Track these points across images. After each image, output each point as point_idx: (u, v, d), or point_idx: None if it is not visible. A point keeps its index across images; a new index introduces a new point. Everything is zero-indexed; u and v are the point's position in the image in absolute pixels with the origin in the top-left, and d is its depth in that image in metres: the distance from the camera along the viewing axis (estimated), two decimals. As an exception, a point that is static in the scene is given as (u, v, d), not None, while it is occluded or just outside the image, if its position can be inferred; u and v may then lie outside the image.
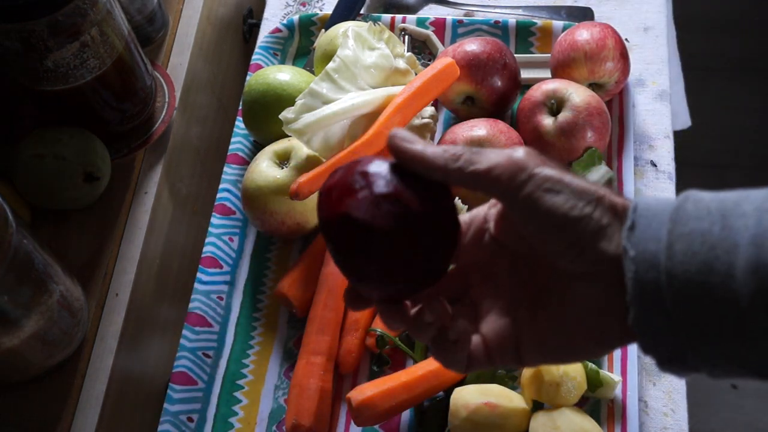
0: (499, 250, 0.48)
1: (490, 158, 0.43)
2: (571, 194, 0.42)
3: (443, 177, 0.44)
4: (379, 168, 0.45)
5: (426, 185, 0.45)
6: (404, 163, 0.45)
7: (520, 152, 0.43)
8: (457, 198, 0.75)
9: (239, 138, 0.88)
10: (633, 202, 0.43)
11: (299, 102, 0.76)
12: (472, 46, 0.83)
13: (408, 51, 0.89)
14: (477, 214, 0.50)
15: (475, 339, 0.46)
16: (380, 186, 0.44)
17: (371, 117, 0.77)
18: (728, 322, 0.38)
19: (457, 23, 0.92)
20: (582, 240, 0.42)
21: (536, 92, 0.80)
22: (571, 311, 0.44)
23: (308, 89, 0.76)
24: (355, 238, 0.43)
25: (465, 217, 0.49)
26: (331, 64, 0.77)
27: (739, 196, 0.40)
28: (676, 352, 0.41)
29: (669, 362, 0.42)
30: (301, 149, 0.79)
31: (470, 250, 0.49)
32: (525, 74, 0.87)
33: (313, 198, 0.76)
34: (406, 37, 0.92)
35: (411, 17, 0.93)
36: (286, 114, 0.76)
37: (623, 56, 0.82)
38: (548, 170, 0.43)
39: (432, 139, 0.82)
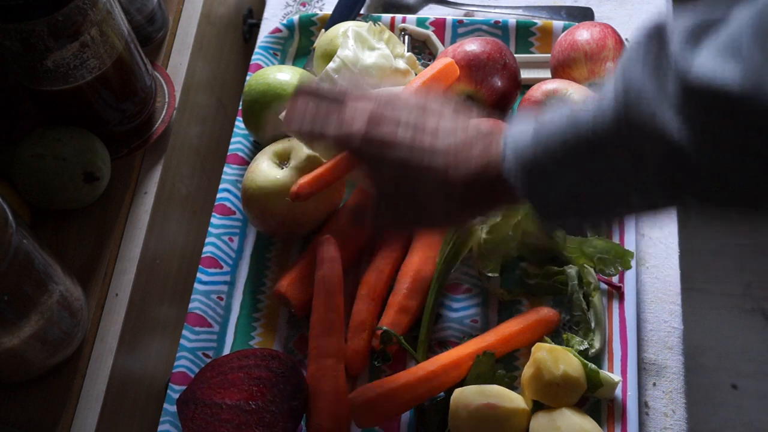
0: None
1: None
2: None
3: None
4: None
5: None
6: None
7: None
8: None
9: (239, 138, 0.88)
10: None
11: None
12: (472, 46, 0.83)
13: (408, 51, 0.89)
14: None
15: None
16: None
17: None
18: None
19: (457, 23, 0.92)
20: None
21: (536, 92, 0.80)
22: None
23: None
24: None
25: None
26: (331, 64, 0.77)
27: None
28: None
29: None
30: (301, 149, 0.79)
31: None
32: (525, 74, 0.87)
33: (314, 198, 0.77)
34: (406, 37, 0.92)
35: (411, 17, 0.93)
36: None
37: (623, 56, 0.82)
38: None
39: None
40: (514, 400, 0.68)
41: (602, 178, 0.51)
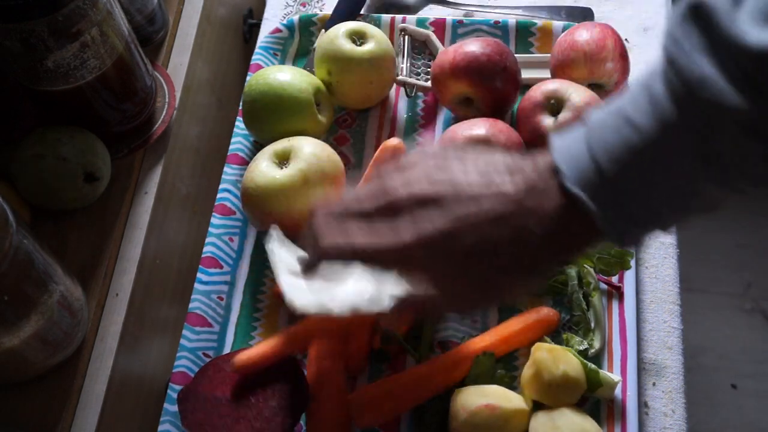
0: None
1: None
2: None
3: None
4: None
5: None
6: None
7: None
8: None
9: (239, 138, 0.88)
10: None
11: None
12: (472, 47, 0.82)
13: (408, 51, 0.89)
14: None
15: None
16: None
17: None
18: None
19: (457, 23, 0.92)
20: None
21: (536, 92, 0.80)
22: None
23: None
24: None
25: None
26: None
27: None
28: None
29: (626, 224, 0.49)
30: (302, 149, 0.79)
31: None
32: (525, 74, 0.87)
33: (313, 198, 0.76)
34: (406, 37, 0.92)
35: (411, 17, 0.93)
36: None
37: (623, 57, 0.82)
38: None
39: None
40: (513, 400, 0.68)
41: (675, 171, 0.47)
